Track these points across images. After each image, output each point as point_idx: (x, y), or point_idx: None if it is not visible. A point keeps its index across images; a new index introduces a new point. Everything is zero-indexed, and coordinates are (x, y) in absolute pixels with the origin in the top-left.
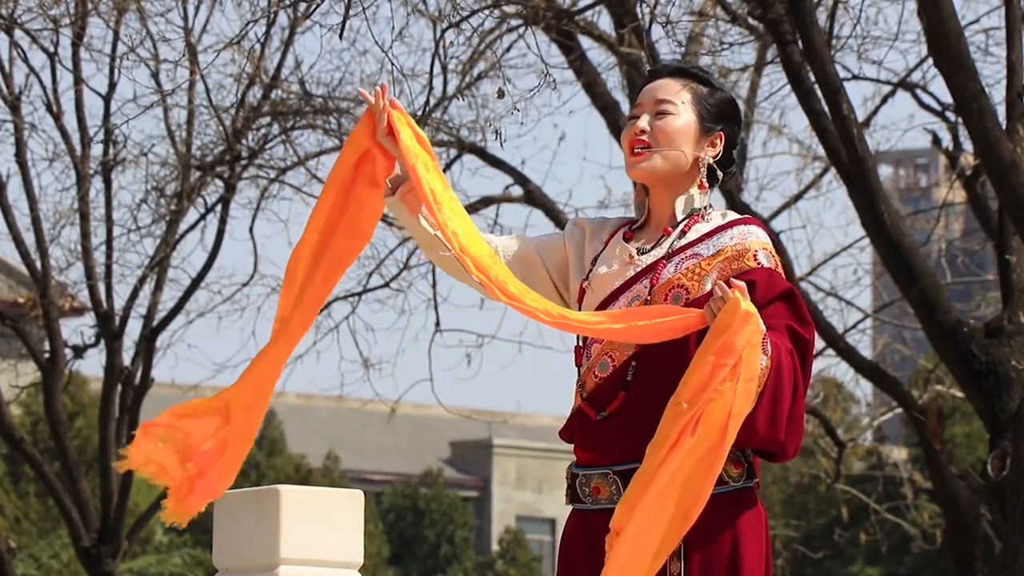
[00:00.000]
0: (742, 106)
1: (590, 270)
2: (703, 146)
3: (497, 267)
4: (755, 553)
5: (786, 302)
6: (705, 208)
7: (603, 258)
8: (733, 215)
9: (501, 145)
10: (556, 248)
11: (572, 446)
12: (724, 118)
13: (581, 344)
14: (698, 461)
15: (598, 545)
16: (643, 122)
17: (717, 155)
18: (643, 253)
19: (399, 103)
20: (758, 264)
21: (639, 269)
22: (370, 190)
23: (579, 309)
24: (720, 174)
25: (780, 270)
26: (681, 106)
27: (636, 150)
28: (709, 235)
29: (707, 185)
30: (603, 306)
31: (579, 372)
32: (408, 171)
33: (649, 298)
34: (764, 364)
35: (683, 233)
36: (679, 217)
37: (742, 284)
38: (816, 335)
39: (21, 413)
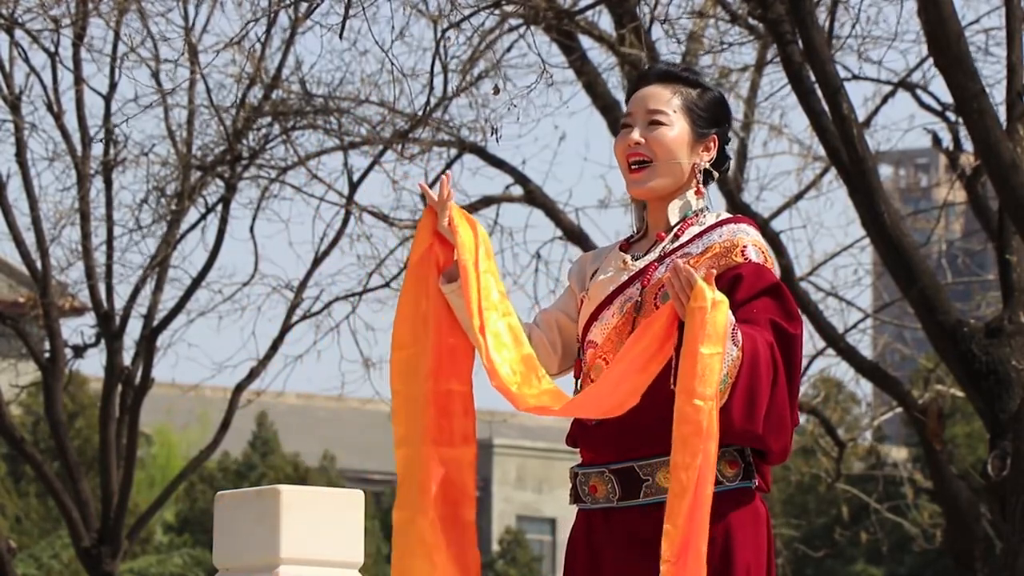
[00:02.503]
0: (742, 106)
1: (589, 282)
2: (698, 152)
3: (528, 373)
4: (749, 554)
5: (772, 297)
6: (700, 211)
7: (600, 269)
8: (726, 214)
9: (497, 141)
10: (569, 297)
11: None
12: (716, 121)
13: (580, 356)
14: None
15: (598, 544)
16: (636, 133)
17: (711, 159)
18: (637, 259)
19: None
20: (745, 259)
21: (632, 274)
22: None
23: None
24: (715, 175)
25: (771, 266)
26: (673, 115)
27: (634, 166)
28: (700, 235)
29: (704, 191)
30: (598, 311)
31: (577, 383)
32: (460, 269)
33: (640, 299)
34: (735, 354)
35: (676, 237)
36: (673, 222)
37: (710, 272)
38: (814, 334)
39: (21, 413)
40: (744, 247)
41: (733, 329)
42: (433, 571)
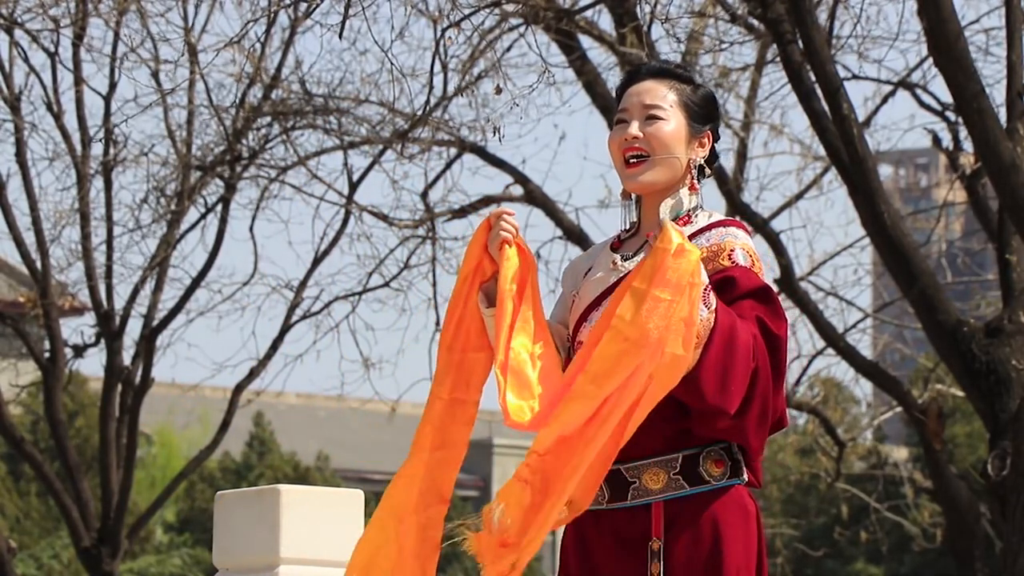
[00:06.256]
0: (742, 106)
1: (582, 280)
2: (693, 147)
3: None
4: (740, 552)
5: (759, 299)
6: (693, 210)
7: (593, 268)
8: (718, 216)
9: (500, 140)
10: (564, 307)
11: None
12: (709, 117)
13: (568, 356)
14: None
15: (590, 546)
16: (634, 128)
17: (706, 155)
18: (627, 259)
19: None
20: (733, 263)
21: (621, 275)
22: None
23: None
24: (708, 171)
25: (758, 270)
26: (670, 110)
27: (631, 160)
28: (690, 237)
29: (698, 187)
30: (588, 311)
31: None
32: (498, 298)
33: None
34: (705, 315)
35: None
36: None
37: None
38: (813, 334)
39: (21, 413)
40: (732, 251)
41: (706, 291)
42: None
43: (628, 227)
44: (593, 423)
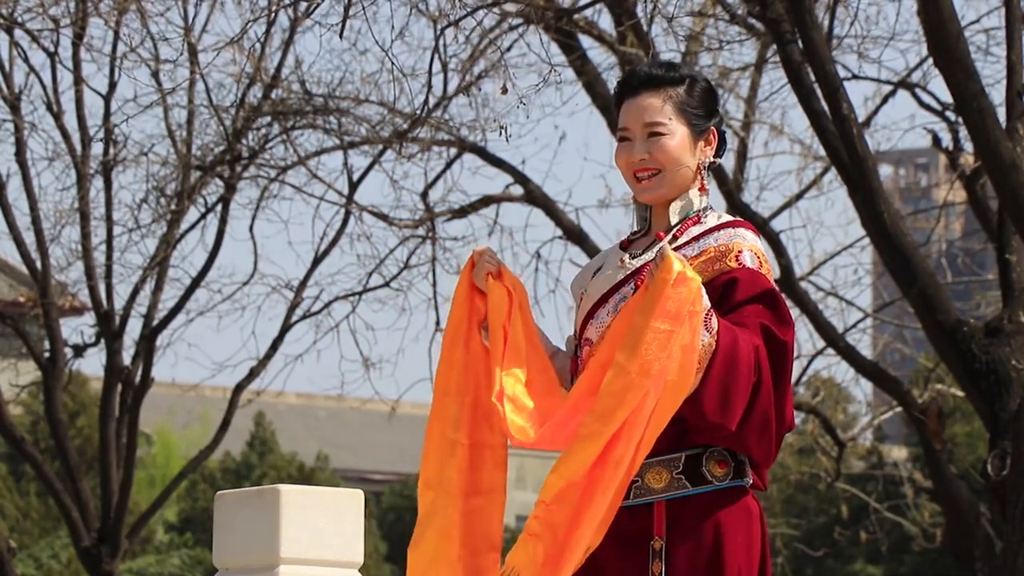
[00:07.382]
0: (742, 106)
1: (591, 279)
2: (700, 149)
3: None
4: (741, 553)
5: (765, 303)
6: (702, 210)
7: (602, 268)
8: (727, 217)
9: (507, 140)
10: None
11: None
12: (710, 113)
13: (576, 353)
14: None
15: None
16: (639, 150)
17: (713, 151)
18: (635, 258)
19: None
20: (740, 264)
21: (628, 272)
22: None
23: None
24: (717, 162)
25: (766, 272)
26: (670, 122)
27: (642, 178)
28: (698, 237)
29: (707, 187)
30: (595, 309)
31: (572, 381)
32: (490, 332)
33: None
34: (706, 341)
35: (675, 237)
36: (673, 222)
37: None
38: (813, 334)
39: (21, 413)
40: (739, 252)
41: (708, 315)
42: None
43: (637, 228)
44: (607, 465)
